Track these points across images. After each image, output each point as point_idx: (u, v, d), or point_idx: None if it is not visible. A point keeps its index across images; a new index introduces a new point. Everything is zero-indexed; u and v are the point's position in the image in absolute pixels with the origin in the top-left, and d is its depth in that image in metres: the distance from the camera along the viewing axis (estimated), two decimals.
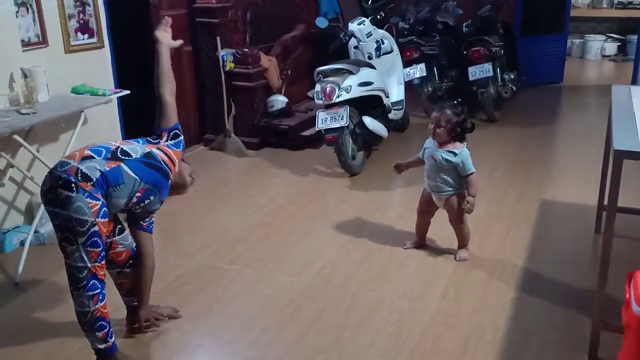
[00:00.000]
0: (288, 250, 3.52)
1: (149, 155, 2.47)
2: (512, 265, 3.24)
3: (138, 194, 2.43)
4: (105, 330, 2.38)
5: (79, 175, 2.26)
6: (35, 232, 3.53)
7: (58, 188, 2.26)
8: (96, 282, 2.32)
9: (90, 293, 2.31)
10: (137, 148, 2.47)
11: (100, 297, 2.34)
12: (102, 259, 2.34)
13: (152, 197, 2.49)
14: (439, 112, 3.17)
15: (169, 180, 2.54)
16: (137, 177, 2.39)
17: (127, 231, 2.64)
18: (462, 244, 3.35)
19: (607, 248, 2.33)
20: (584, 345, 2.50)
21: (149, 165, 2.44)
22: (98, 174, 2.29)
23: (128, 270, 2.65)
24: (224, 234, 3.73)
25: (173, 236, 3.75)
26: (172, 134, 2.62)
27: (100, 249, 2.31)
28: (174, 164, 2.56)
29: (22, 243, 3.49)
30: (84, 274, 2.29)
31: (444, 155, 3.16)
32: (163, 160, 2.50)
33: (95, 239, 2.28)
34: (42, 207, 3.47)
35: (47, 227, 3.63)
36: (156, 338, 2.71)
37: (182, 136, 2.66)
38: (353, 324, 2.76)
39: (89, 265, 2.29)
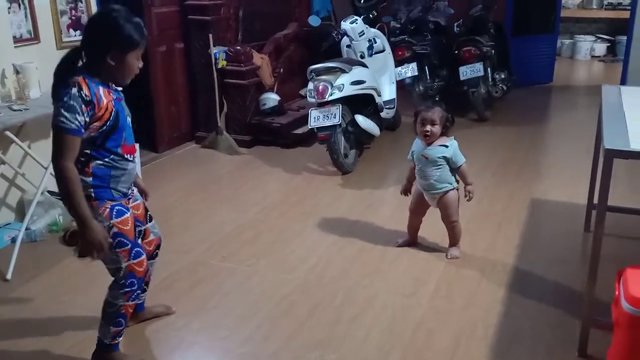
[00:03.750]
0: (281, 247, 3.53)
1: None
2: (503, 263, 3.27)
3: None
4: (121, 328, 2.42)
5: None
6: (27, 229, 3.51)
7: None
8: (134, 280, 2.36)
9: (126, 289, 2.36)
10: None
11: (133, 297, 2.39)
12: (136, 255, 2.35)
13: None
14: (428, 110, 3.17)
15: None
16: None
17: (154, 219, 2.65)
18: (454, 242, 3.37)
19: (597, 246, 2.36)
20: (573, 342, 2.53)
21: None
22: (96, 187, 2.27)
23: (152, 260, 2.66)
24: (217, 231, 3.74)
25: (166, 233, 3.70)
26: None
27: (128, 247, 2.32)
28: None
29: (13, 240, 3.47)
30: (121, 273, 2.34)
31: (437, 151, 3.19)
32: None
33: (119, 239, 2.30)
34: (34, 204, 3.48)
35: (39, 224, 3.62)
36: (150, 335, 2.71)
37: None
38: (346, 319, 2.78)
39: (123, 265, 2.32)
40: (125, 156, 2.32)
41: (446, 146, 3.18)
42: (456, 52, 5.96)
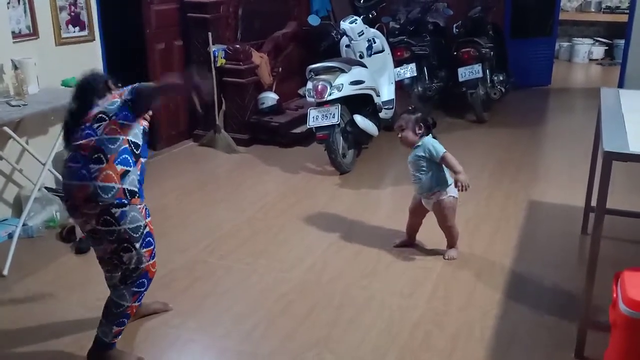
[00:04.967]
0: (279, 246, 3.53)
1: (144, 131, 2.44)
2: (501, 265, 3.28)
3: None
4: (122, 327, 2.43)
5: (127, 194, 2.30)
6: (24, 225, 3.50)
7: (112, 208, 2.27)
8: (145, 280, 2.42)
9: (135, 289, 2.40)
10: (137, 132, 2.37)
11: (140, 297, 2.44)
12: (154, 256, 2.44)
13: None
14: (396, 120, 3.35)
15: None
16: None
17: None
18: (451, 243, 3.38)
19: (595, 248, 2.36)
20: (571, 344, 2.53)
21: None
22: (139, 185, 2.37)
23: None
24: (215, 229, 3.73)
25: (164, 231, 3.72)
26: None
27: (152, 247, 2.41)
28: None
29: (10, 236, 3.46)
30: (137, 273, 2.38)
31: (413, 153, 3.25)
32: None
33: (149, 239, 2.39)
34: (31, 200, 3.47)
35: (36, 220, 3.61)
36: (147, 332, 2.70)
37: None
38: (344, 320, 2.78)
39: (143, 265, 2.38)
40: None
41: (418, 145, 3.23)
42: (455, 53, 5.97)
